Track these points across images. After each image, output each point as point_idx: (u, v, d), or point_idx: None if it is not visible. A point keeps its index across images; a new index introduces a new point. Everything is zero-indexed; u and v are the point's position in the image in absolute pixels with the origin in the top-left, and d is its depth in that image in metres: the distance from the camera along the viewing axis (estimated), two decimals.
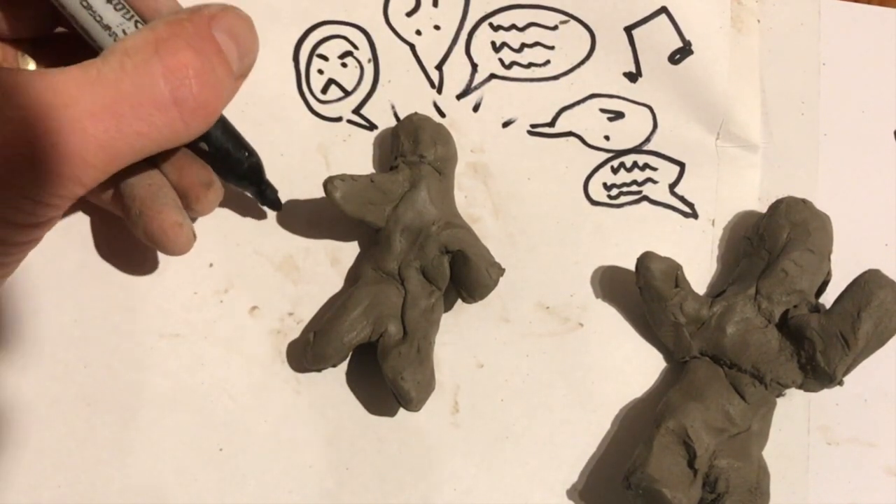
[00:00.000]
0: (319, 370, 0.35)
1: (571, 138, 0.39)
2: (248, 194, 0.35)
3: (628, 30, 0.39)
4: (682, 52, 0.39)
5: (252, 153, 0.33)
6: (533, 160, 0.38)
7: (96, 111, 0.26)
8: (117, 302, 0.35)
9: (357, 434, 0.35)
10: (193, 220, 0.34)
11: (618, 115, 0.39)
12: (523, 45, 0.39)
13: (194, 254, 0.35)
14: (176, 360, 0.35)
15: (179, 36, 0.28)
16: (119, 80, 0.27)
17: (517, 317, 0.37)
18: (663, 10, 0.39)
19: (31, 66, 0.32)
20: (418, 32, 0.38)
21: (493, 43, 0.39)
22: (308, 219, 0.37)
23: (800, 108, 0.40)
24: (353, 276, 0.36)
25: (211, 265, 0.36)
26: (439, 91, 0.38)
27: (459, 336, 0.37)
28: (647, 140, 0.39)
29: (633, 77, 0.39)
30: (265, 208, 0.36)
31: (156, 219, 0.32)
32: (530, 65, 0.39)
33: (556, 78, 0.39)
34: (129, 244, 0.35)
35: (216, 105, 0.29)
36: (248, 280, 0.36)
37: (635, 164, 0.39)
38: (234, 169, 0.33)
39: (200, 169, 0.33)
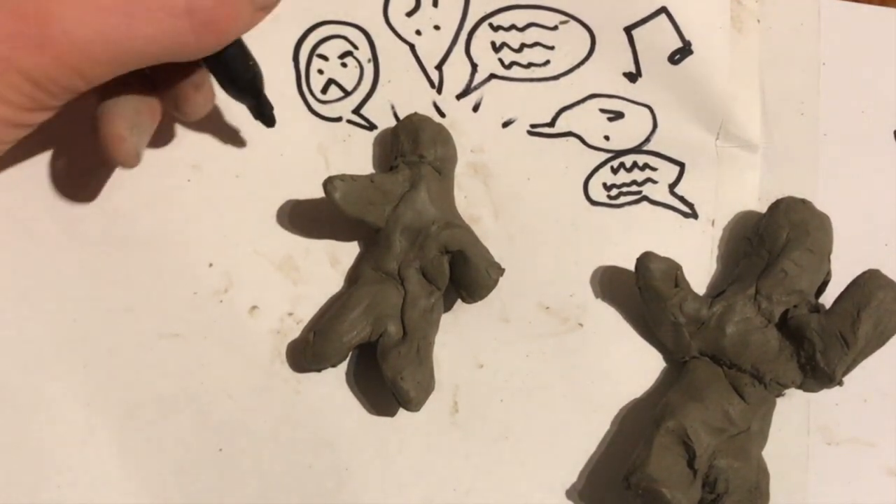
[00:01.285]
0: (319, 370, 0.35)
1: (571, 138, 0.39)
2: (242, 102, 0.34)
3: (628, 30, 0.39)
4: (682, 52, 0.39)
5: (255, 64, 0.32)
6: (533, 160, 0.38)
7: (108, 5, 0.26)
8: (117, 302, 0.35)
9: (357, 434, 0.35)
10: (189, 119, 0.33)
11: (618, 115, 0.39)
12: (523, 45, 0.39)
13: (194, 253, 0.36)
14: (176, 360, 0.35)
15: None
16: None
17: (517, 317, 0.37)
18: (663, 10, 0.39)
19: None
20: (418, 32, 0.38)
21: (493, 43, 0.39)
22: (308, 219, 0.37)
23: (800, 108, 0.40)
24: (353, 276, 0.36)
25: (210, 265, 0.36)
26: (439, 91, 0.38)
27: (459, 336, 0.37)
28: (647, 140, 0.39)
29: (633, 77, 0.39)
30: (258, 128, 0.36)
31: (105, 125, 0.30)
32: (530, 65, 0.39)
33: (556, 78, 0.39)
34: (129, 244, 0.35)
35: (229, 25, 0.29)
36: (248, 280, 0.36)
37: (635, 165, 0.39)
38: (235, 80, 0.32)
39: (192, 67, 0.31)
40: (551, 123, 0.39)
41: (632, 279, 0.35)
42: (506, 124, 0.38)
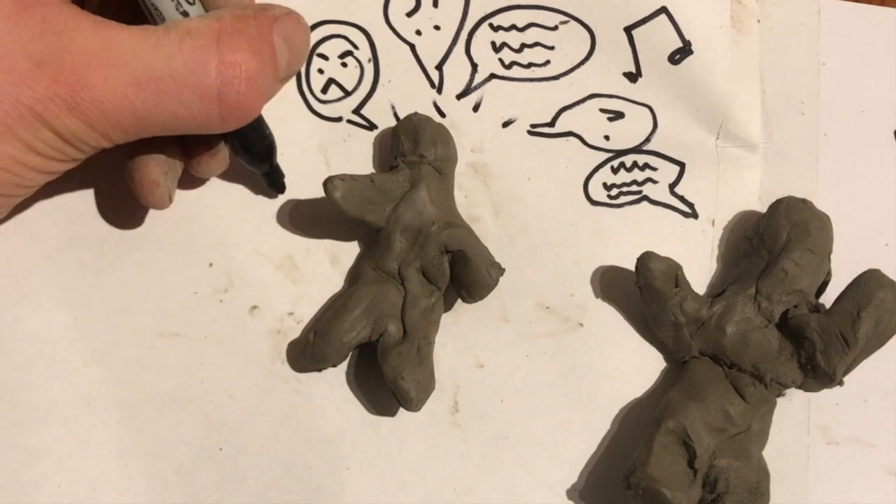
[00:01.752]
0: (319, 370, 0.35)
1: (571, 138, 0.39)
2: (255, 171, 0.35)
3: (628, 30, 0.39)
4: (682, 52, 0.39)
5: (269, 135, 0.33)
6: (533, 160, 0.38)
7: (142, 81, 0.28)
8: (117, 302, 0.35)
9: (357, 434, 0.35)
10: (202, 178, 0.35)
11: (618, 115, 0.39)
12: (523, 46, 0.39)
13: (194, 253, 0.36)
14: (176, 360, 0.35)
15: (242, 33, 0.29)
16: (173, 57, 0.28)
17: (517, 317, 0.37)
18: (663, 10, 0.39)
19: None
20: (418, 32, 0.38)
21: (493, 43, 0.39)
22: (308, 219, 0.37)
23: (800, 108, 0.40)
24: (353, 276, 0.36)
25: (211, 265, 0.36)
26: (439, 91, 0.38)
27: (459, 336, 0.37)
28: (647, 140, 0.39)
29: (633, 77, 0.39)
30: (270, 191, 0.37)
31: (140, 171, 0.32)
32: (530, 65, 0.39)
33: (556, 78, 0.39)
34: (129, 244, 0.35)
35: (256, 108, 0.30)
36: (248, 280, 0.36)
37: (635, 164, 0.39)
38: (250, 150, 0.33)
39: (208, 135, 0.33)
40: (551, 123, 0.39)
41: (632, 279, 0.35)
42: (506, 124, 0.38)
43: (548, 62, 0.39)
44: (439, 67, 0.38)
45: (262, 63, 0.29)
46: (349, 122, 0.38)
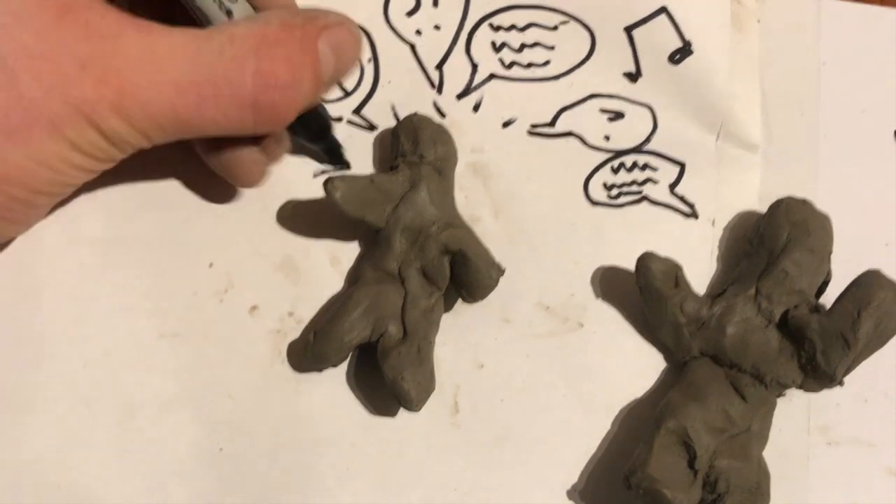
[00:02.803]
0: (319, 370, 0.35)
1: (571, 138, 0.39)
2: (314, 148, 0.36)
3: (628, 30, 0.39)
4: (682, 52, 0.39)
5: (323, 112, 0.34)
6: (533, 160, 0.38)
7: (184, 87, 0.28)
8: (117, 302, 0.35)
9: (357, 434, 0.35)
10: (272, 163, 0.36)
11: (618, 115, 0.39)
12: (523, 46, 0.39)
13: (194, 253, 0.36)
14: (176, 360, 0.35)
15: (284, 43, 0.29)
16: (214, 64, 0.29)
17: (517, 317, 0.37)
18: (663, 10, 0.39)
19: None
20: (418, 32, 0.38)
21: (493, 43, 0.39)
22: (308, 219, 0.37)
23: (800, 108, 0.40)
24: (353, 277, 0.36)
25: (211, 265, 0.36)
26: (439, 91, 0.38)
27: (459, 336, 0.37)
28: (647, 140, 0.39)
29: (633, 77, 0.39)
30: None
31: (234, 154, 0.33)
32: (530, 65, 0.39)
33: (556, 78, 0.39)
34: (129, 244, 0.35)
35: (290, 116, 0.31)
36: (248, 280, 0.36)
37: (635, 165, 0.39)
38: (306, 128, 0.34)
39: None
40: (551, 123, 0.39)
41: (632, 279, 0.35)
42: (506, 124, 0.38)
43: (548, 62, 0.39)
44: (439, 67, 0.38)
45: (299, 73, 0.30)
46: (349, 122, 0.38)
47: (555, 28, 0.39)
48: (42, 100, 0.27)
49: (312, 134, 0.35)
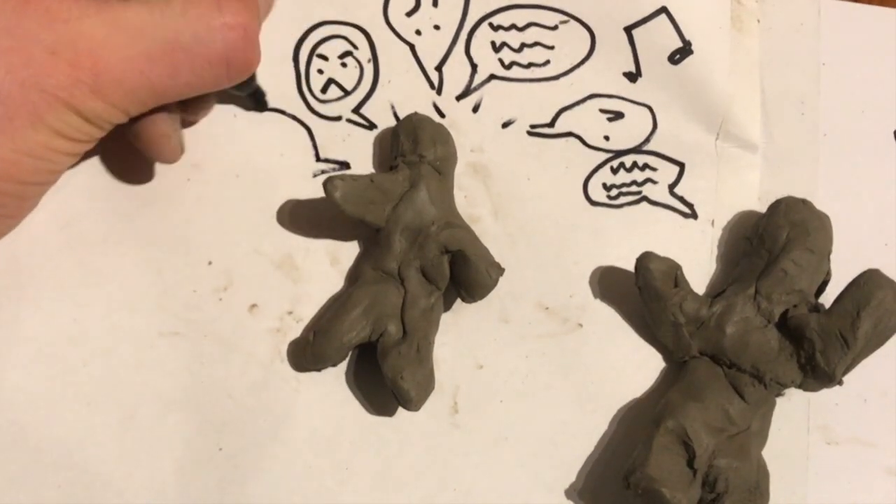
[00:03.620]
0: (319, 370, 0.35)
1: (571, 138, 0.39)
2: (239, 94, 0.36)
3: (628, 30, 0.39)
4: (682, 52, 0.39)
5: None
6: (533, 160, 0.38)
7: (155, 56, 0.29)
8: (117, 301, 0.35)
9: (357, 434, 0.35)
10: (193, 120, 0.36)
11: (617, 116, 0.39)
12: (523, 45, 0.39)
13: (193, 252, 0.36)
14: (175, 359, 0.35)
15: None
16: (179, 28, 0.29)
17: (517, 317, 0.37)
18: (663, 10, 0.39)
19: None
20: (418, 32, 0.38)
21: (492, 43, 0.39)
22: (308, 219, 0.37)
23: (800, 108, 0.40)
24: (353, 276, 0.36)
25: (210, 263, 0.36)
26: (439, 91, 0.38)
27: (459, 336, 0.37)
28: (647, 140, 0.39)
29: (632, 77, 0.39)
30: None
31: (147, 128, 0.32)
32: (530, 65, 0.39)
33: (555, 78, 0.39)
34: (129, 244, 0.35)
35: (257, 62, 0.31)
36: (248, 278, 0.36)
37: (635, 165, 0.39)
38: None
39: None
40: (551, 123, 0.39)
41: (632, 279, 0.35)
42: (506, 124, 0.38)
43: (548, 62, 0.39)
44: (439, 68, 0.38)
45: (253, 17, 0.30)
46: (349, 121, 0.38)
47: (555, 28, 0.39)
48: (18, 92, 0.28)
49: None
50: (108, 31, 0.28)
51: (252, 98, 0.36)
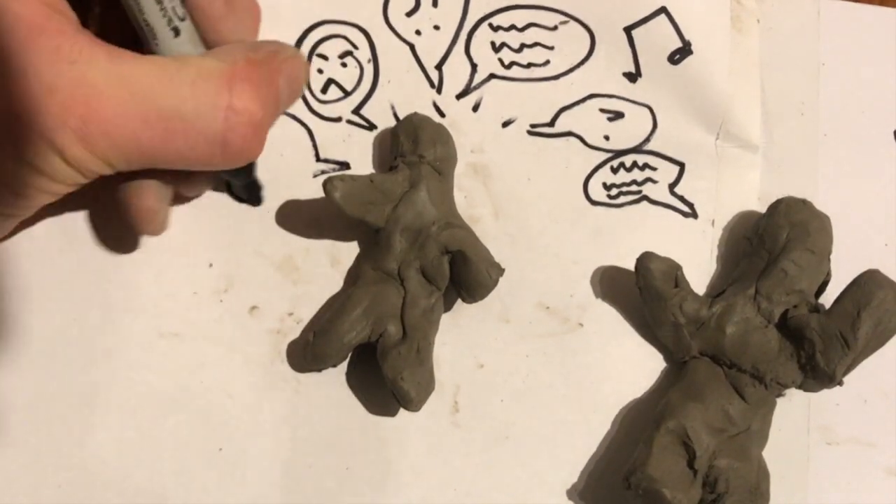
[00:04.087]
0: (319, 370, 0.35)
1: (571, 138, 0.39)
2: (235, 182, 0.35)
3: (628, 30, 0.39)
4: (681, 52, 0.39)
5: None
6: (533, 160, 0.38)
7: (152, 120, 0.28)
8: (117, 302, 0.35)
9: (357, 434, 0.35)
10: (184, 199, 0.35)
11: (618, 115, 0.39)
12: (523, 46, 0.39)
13: (194, 253, 0.36)
14: (176, 360, 0.35)
15: (253, 80, 0.29)
16: (185, 97, 0.28)
17: (517, 317, 0.37)
18: (663, 10, 0.39)
19: None
20: (418, 32, 0.38)
21: (492, 43, 0.39)
22: (308, 219, 0.37)
23: (800, 108, 0.40)
24: (353, 276, 0.36)
25: (211, 265, 0.36)
26: (439, 91, 0.38)
27: (459, 336, 0.37)
28: (647, 140, 0.39)
29: (632, 77, 0.39)
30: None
31: (134, 201, 0.32)
32: (530, 65, 0.39)
33: (555, 78, 0.39)
34: (128, 243, 0.35)
35: (258, 151, 0.31)
36: (248, 280, 0.36)
37: (635, 164, 0.39)
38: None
39: None
40: (551, 123, 0.39)
41: (632, 279, 0.35)
42: (506, 124, 0.38)
43: (548, 62, 0.39)
44: (439, 67, 0.38)
45: (267, 110, 0.30)
46: (349, 122, 0.38)
47: (554, 28, 0.39)
48: (4, 122, 0.27)
49: (237, 169, 0.34)
50: (109, 81, 0.27)
51: (246, 189, 0.36)
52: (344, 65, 0.38)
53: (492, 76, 0.39)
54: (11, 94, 0.27)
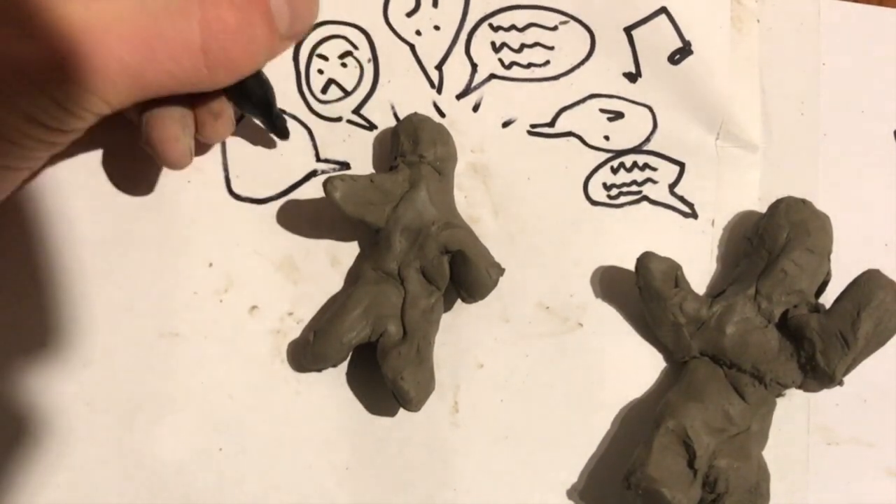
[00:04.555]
0: (319, 370, 0.35)
1: (571, 138, 0.39)
2: (256, 118, 0.35)
3: (628, 30, 0.39)
4: (681, 52, 0.39)
5: (266, 81, 0.34)
6: (533, 160, 0.38)
7: (133, 41, 0.28)
8: (117, 302, 0.35)
9: (357, 434, 0.35)
10: (208, 144, 0.35)
11: (618, 115, 0.39)
12: (523, 46, 0.39)
13: (194, 253, 0.36)
14: (176, 360, 0.35)
15: None
16: (158, 16, 0.28)
17: (517, 317, 0.37)
18: (663, 10, 0.39)
19: None
20: (418, 32, 0.38)
21: (492, 43, 0.39)
22: (308, 219, 0.37)
23: (800, 108, 0.40)
24: (353, 276, 0.36)
25: (211, 265, 0.36)
26: (439, 91, 0.38)
27: (459, 336, 0.37)
28: (647, 140, 0.39)
29: (632, 77, 0.39)
30: (274, 137, 0.37)
31: (156, 129, 0.32)
32: (530, 65, 0.39)
33: (556, 78, 0.39)
34: (129, 244, 0.35)
35: (246, 63, 0.31)
36: (248, 280, 0.36)
37: (635, 164, 0.39)
38: (249, 97, 0.33)
39: (213, 97, 0.33)
40: (551, 123, 0.39)
41: (632, 279, 0.35)
42: (506, 124, 0.38)
43: (548, 62, 0.39)
44: (439, 67, 0.38)
45: (247, 18, 0.30)
46: (349, 122, 0.38)
47: (555, 28, 0.39)
48: None
49: (254, 103, 0.34)
50: (87, 15, 0.28)
51: (269, 124, 0.35)
52: (344, 65, 0.38)
53: (492, 76, 0.39)
54: None
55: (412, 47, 0.38)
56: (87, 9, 0.28)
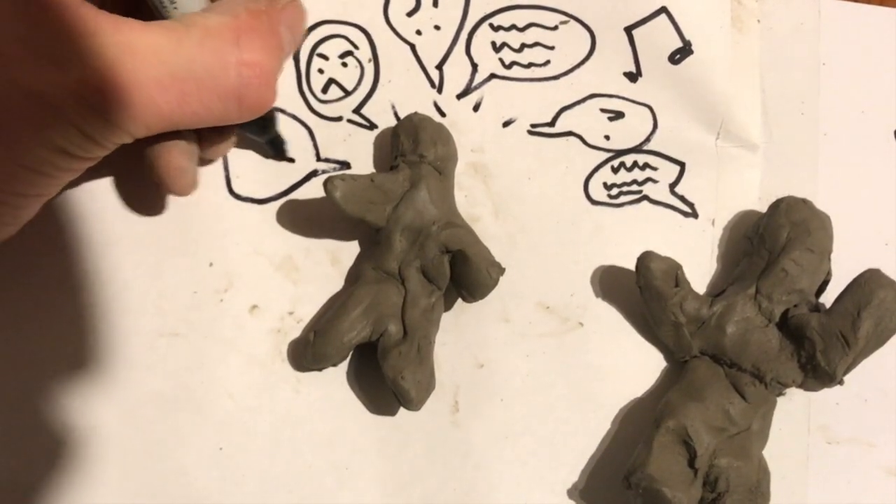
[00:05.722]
0: (319, 370, 0.35)
1: (571, 138, 0.39)
2: (258, 140, 0.36)
3: (628, 30, 0.39)
4: (682, 52, 0.39)
5: (272, 110, 0.34)
6: (533, 160, 0.38)
7: (166, 83, 0.28)
8: (117, 302, 0.35)
9: (357, 434, 0.35)
10: (210, 160, 0.36)
11: (618, 115, 0.39)
12: (523, 45, 0.39)
13: (194, 253, 0.36)
14: (176, 360, 0.35)
15: (257, 31, 0.30)
16: (195, 58, 0.28)
17: (517, 317, 0.37)
18: (663, 10, 0.39)
19: None
20: (418, 32, 0.38)
21: (493, 43, 0.39)
22: (308, 219, 0.37)
23: (800, 108, 0.40)
24: (354, 276, 0.36)
25: (211, 264, 0.36)
26: (439, 91, 0.38)
27: (459, 336, 0.37)
28: (647, 140, 0.39)
29: (633, 77, 0.39)
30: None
31: (163, 161, 0.32)
32: (530, 65, 0.39)
33: (556, 78, 0.39)
34: (129, 244, 0.35)
35: (271, 101, 0.31)
36: (248, 279, 0.36)
37: (635, 164, 0.39)
38: (255, 122, 0.33)
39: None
40: (551, 123, 0.39)
41: (632, 279, 0.36)
42: (506, 124, 0.38)
43: (548, 62, 0.39)
44: (439, 67, 0.38)
45: (273, 58, 0.30)
46: (349, 121, 0.38)
47: (555, 28, 0.39)
48: (22, 102, 0.27)
49: (257, 125, 0.34)
50: (120, 51, 0.27)
51: (270, 145, 0.36)
52: (344, 65, 0.38)
53: (492, 76, 0.39)
54: (25, 75, 0.27)
55: (413, 47, 0.38)
56: (119, 44, 0.27)
